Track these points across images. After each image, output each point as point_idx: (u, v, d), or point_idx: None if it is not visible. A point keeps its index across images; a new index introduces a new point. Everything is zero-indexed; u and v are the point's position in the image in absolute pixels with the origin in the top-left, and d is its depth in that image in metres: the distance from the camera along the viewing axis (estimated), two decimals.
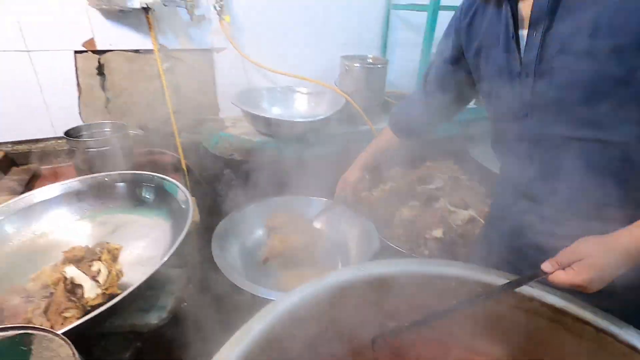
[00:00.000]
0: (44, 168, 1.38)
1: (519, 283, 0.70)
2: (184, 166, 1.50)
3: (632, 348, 0.66)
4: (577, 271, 0.58)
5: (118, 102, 1.47)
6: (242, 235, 1.34)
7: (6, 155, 1.33)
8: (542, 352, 0.78)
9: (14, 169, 1.33)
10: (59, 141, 1.41)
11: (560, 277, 0.59)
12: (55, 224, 0.94)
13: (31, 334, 0.45)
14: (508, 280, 0.74)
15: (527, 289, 0.77)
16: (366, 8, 1.76)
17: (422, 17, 1.56)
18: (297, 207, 1.45)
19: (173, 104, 1.51)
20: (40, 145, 1.41)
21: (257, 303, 0.91)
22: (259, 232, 1.41)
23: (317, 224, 1.43)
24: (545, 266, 0.62)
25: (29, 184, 1.25)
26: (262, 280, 1.19)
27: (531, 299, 0.77)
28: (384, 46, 1.84)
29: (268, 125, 1.40)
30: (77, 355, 0.44)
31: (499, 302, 0.80)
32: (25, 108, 1.33)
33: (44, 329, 0.46)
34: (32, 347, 0.45)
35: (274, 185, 1.50)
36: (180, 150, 1.50)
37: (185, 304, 0.92)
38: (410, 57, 1.91)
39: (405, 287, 0.75)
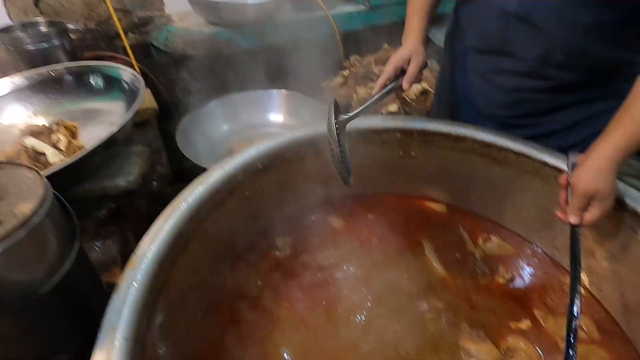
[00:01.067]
0: None
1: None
2: (136, 68, 1.45)
3: (543, 163, 0.79)
4: (597, 207, 0.60)
5: (50, 0, 1.35)
6: (206, 131, 1.38)
7: None
8: (479, 185, 0.92)
9: None
10: None
11: (588, 218, 0.61)
12: (10, 119, 0.94)
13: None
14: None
15: (460, 130, 0.88)
16: None
17: None
18: (259, 102, 1.48)
19: (112, 1, 1.39)
20: None
21: None
22: (224, 128, 1.45)
23: (278, 117, 1.47)
24: (573, 219, 0.62)
25: None
26: None
27: (465, 139, 0.88)
28: None
29: (218, 13, 1.34)
30: (43, 178, 0.49)
31: (439, 148, 0.90)
32: None
33: (15, 162, 0.50)
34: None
35: (232, 79, 1.49)
36: (129, 50, 1.43)
37: (154, 182, 0.99)
38: None
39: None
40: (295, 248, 0.81)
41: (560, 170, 0.73)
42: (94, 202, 0.75)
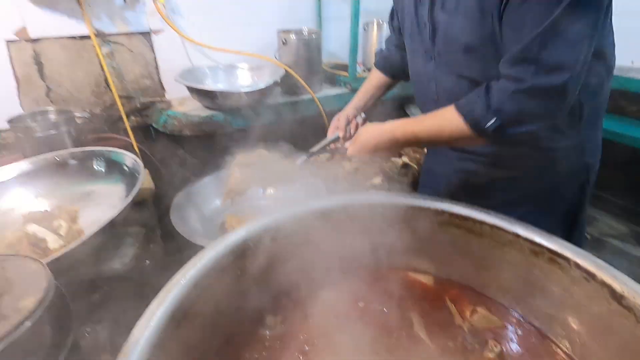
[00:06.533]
0: None
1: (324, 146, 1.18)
2: (135, 148, 1.55)
3: (516, 235, 0.85)
4: (353, 143, 0.90)
5: (60, 91, 1.48)
6: (199, 206, 1.43)
7: None
8: (461, 256, 0.96)
9: None
10: (3, 134, 1.42)
11: (346, 146, 0.94)
12: (13, 203, 0.98)
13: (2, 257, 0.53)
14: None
15: (437, 204, 0.95)
16: None
17: None
18: None
19: (117, 89, 1.54)
20: None
21: None
22: (217, 202, 1.51)
23: (268, 190, 1.54)
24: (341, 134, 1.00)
25: None
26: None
27: (443, 212, 0.95)
28: (319, 18, 1.95)
29: (213, 99, 1.48)
30: (47, 269, 0.52)
31: (423, 221, 0.96)
32: None
33: (12, 255, 0.54)
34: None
35: (225, 156, 1.58)
36: (130, 133, 1.54)
37: (148, 262, 1.01)
38: (344, 28, 2.03)
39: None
40: (285, 325, 0.81)
41: (531, 242, 0.79)
42: (87, 286, 0.77)
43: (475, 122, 0.74)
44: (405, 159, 1.44)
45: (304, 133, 1.63)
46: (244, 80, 1.74)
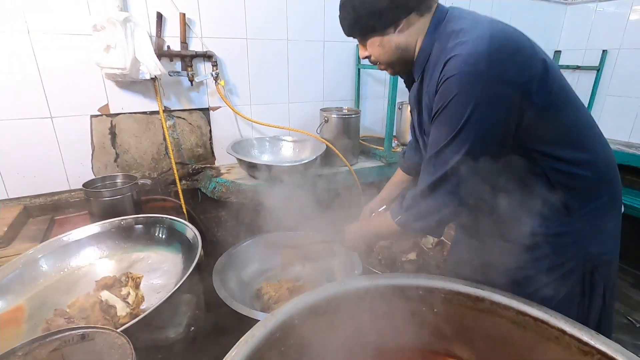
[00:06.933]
0: (58, 218, 1.54)
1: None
2: (184, 210, 1.68)
3: (562, 331, 0.84)
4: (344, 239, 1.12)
5: (126, 157, 1.67)
6: (239, 270, 1.49)
7: (25, 208, 1.49)
8: (502, 345, 0.95)
9: (32, 219, 1.48)
10: (72, 193, 1.58)
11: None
12: (82, 261, 1.09)
13: (94, 331, 0.61)
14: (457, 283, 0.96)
15: (478, 292, 0.96)
16: (339, 68, 2.07)
17: (385, 73, 1.85)
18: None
19: (175, 156, 1.72)
20: (55, 197, 1.57)
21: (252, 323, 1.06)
22: (255, 266, 1.57)
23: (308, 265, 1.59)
24: None
25: (47, 233, 1.40)
26: (256, 307, 1.33)
27: (483, 299, 0.96)
28: (357, 98, 2.13)
29: (259, 170, 1.61)
30: (131, 345, 0.59)
31: (463, 306, 0.98)
32: (45, 166, 1.51)
33: (103, 327, 0.61)
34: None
35: (267, 222, 1.67)
36: (181, 196, 1.68)
37: (192, 328, 1.06)
38: (379, 106, 2.21)
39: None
40: None
41: (579, 340, 0.78)
42: (144, 355, 0.82)
43: (392, 216, 0.96)
44: None
45: (342, 203, 1.72)
46: (288, 151, 1.89)
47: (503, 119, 0.77)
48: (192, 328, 1.07)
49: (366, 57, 0.96)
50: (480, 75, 0.72)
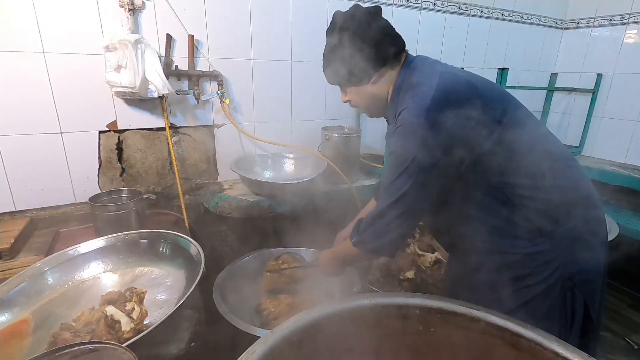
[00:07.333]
0: (63, 230, 1.56)
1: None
2: (187, 224, 1.70)
3: (555, 353, 0.86)
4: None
5: (132, 172, 1.71)
6: (239, 285, 1.51)
7: (31, 220, 1.52)
8: None
9: (37, 232, 1.51)
10: (78, 206, 1.62)
11: None
12: (87, 275, 1.12)
13: (102, 346, 0.63)
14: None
15: (474, 312, 0.98)
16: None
17: None
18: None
19: (179, 171, 1.76)
20: (60, 210, 1.60)
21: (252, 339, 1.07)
22: (255, 281, 1.59)
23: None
24: None
25: (52, 245, 1.42)
26: (256, 322, 1.35)
27: (479, 320, 0.98)
28: (358, 116, 2.19)
29: (261, 187, 1.65)
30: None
31: (457, 327, 0.99)
32: (53, 180, 1.55)
33: (111, 343, 0.64)
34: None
35: (267, 238, 1.70)
36: (183, 210, 1.71)
37: (193, 344, 1.08)
38: (379, 125, 2.26)
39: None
40: None
41: None
42: None
43: (350, 239, 1.06)
44: (438, 254, 1.49)
45: (342, 220, 1.74)
46: (289, 168, 1.94)
47: (442, 162, 0.87)
48: (193, 343, 1.09)
49: (347, 102, 1.09)
50: (420, 127, 0.84)
